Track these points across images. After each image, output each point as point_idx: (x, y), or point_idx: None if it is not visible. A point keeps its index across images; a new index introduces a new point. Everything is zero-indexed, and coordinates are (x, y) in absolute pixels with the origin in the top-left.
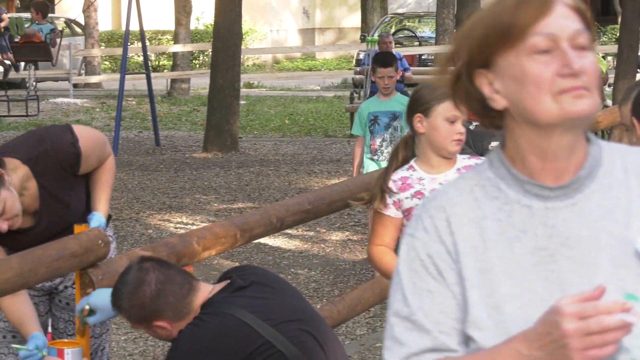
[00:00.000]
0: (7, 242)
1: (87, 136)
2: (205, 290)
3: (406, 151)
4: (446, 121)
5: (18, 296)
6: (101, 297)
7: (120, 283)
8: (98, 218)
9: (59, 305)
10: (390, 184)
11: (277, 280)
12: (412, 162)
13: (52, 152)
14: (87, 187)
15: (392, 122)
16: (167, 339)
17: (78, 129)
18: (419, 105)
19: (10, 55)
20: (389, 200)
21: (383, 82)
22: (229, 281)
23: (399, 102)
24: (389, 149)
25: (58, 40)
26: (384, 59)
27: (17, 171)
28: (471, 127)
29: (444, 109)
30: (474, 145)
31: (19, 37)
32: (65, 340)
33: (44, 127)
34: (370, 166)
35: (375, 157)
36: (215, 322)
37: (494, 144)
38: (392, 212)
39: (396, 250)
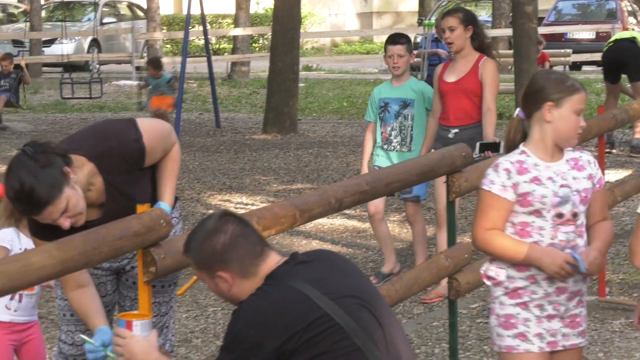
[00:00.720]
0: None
1: (151, 130)
2: (273, 260)
3: (518, 134)
4: (574, 113)
5: (85, 289)
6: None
7: (197, 227)
8: (163, 208)
9: (126, 284)
10: (509, 166)
11: (340, 259)
12: (522, 147)
13: (117, 149)
14: (153, 176)
15: (402, 110)
16: (223, 294)
17: (142, 123)
18: (550, 94)
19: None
20: (508, 183)
21: (392, 62)
22: (292, 255)
23: (411, 88)
24: (398, 138)
25: (177, 84)
26: (394, 37)
27: (83, 168)
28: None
29: (577, 101)
30: None
31: None
32: (134, 312)
33: (108, 122)
34: (379, 156)
35: (386, 147)
36: (277, 294)
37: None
38: (509, 194)
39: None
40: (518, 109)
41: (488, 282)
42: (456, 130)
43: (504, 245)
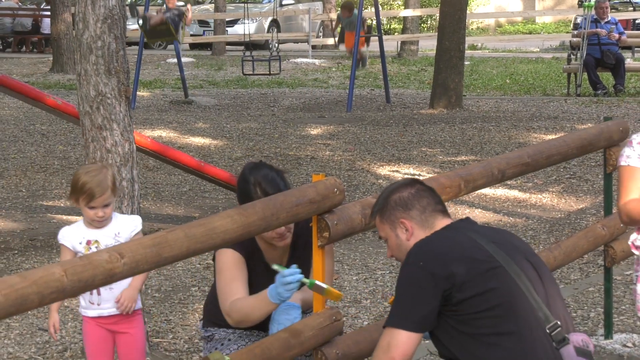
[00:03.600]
0: (252, 275)
1: None
2: (448, 220)
3: None
4: None
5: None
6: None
7: (387, 187)
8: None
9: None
10: None
11: (503, 230)
12: None
13: None
14: None
15: None
16: (400, 247)
17: None
18: None
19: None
20: None
21: None
22: (466, 218)
23: None
24: None
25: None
26: None
27: None
28: None
29: None
30: None
31: None
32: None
33: None
34: None
35: None
36: (449, 234)
37: None
38: None
39: None
40: None
41: (636, 252)
42: None
43: None
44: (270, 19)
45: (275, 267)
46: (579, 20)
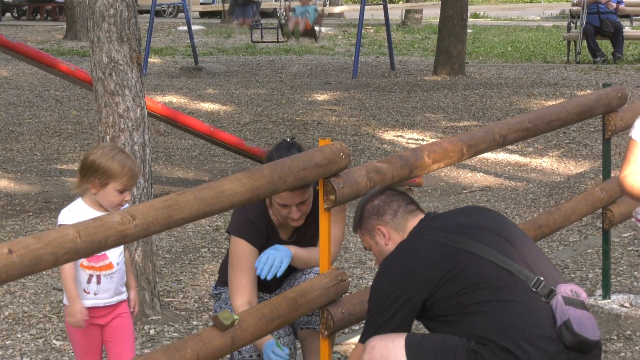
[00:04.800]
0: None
1: None
2: (419, 217)
3: None
4: None
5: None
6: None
7: (361, 200)
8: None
9: None
10: None
11: (476, 207)
12: None
13: None
14: None
15: None
16: (382, 252)
17: None
18: None
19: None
20: None
21: None
22: (427, 215)
23: None
24: None
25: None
26: None
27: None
28: None
29: None
30: None
31: None
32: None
33: None
34: None
35: None
36: (409, 246)
37: None
38: None
39: None
40: None
41: None
42: None
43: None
44: None
45: (274, 341)
46: None
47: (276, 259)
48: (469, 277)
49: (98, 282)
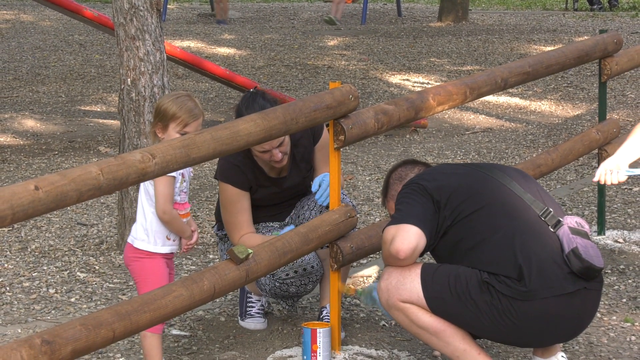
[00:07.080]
0: (261, 189)
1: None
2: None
3: None
4: None
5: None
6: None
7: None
8: (327, 177)
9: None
10: None
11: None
12: None
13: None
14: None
15: None
16: None
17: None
18: None
19: None
20: None
21: None
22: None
23: None
24: None
25: None
26: None
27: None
28: None
29: None
30: None
31: None
32: (316, 322)
33: None
34: None
35: None
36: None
37: None
38: None
39: None
40: None
41: None
42: None
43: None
44: None
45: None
46: None
47: (328, 184)
48: (484, 196)
49: None
